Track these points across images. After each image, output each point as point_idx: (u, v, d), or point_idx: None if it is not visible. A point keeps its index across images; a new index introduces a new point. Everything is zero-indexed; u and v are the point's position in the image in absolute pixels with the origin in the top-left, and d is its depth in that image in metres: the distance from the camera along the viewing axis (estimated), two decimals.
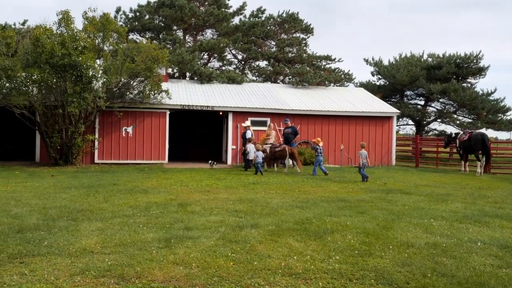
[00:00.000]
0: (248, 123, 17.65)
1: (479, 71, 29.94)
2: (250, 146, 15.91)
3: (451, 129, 32.86)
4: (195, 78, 24.47)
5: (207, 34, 30.45)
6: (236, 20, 29.15)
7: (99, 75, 16.23)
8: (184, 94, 20.10)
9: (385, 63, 32.43)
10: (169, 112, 18.43)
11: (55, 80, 15.79)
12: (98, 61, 16.55)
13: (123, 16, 28.41)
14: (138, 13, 28.18)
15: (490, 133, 38.43)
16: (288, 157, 15.58)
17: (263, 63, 31.37)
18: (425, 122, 31.81)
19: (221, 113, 19.95)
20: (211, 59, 29.80)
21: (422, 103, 32.51)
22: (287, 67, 29.59)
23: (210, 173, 14.55)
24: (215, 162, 17.51)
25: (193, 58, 23.42)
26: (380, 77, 33.02)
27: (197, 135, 24.24)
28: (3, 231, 6.02)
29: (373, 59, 33.06)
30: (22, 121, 16.35)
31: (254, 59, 30.69)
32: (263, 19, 29.25)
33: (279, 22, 29.88)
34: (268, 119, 19.19)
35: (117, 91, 17.24)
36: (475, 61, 29.46)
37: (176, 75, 27.71)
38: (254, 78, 31.19)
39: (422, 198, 9.89)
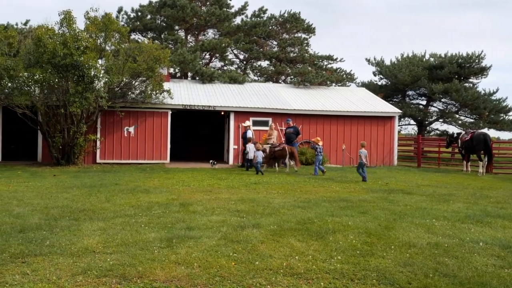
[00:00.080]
0: (248, 123, 17.65)
1: (481, 71, 29.87)
2: (250, 146, 15.91)
3: (453, 129, 32.81)
4: (197, 78, 24.49)
5: (208, 34, 30.50)
6: (238, 20, 29.21)
7: (101, 75, 16.27)
8: (185, 94, 20.11)
9: (387, 63, 32.42)
10: (171, 112, 18.44)
11: (57, 80, 15.82)
12: (100, 61, 16.57)
13: (125, 16, 28.49)
14: (139, 13, 28.22)
15: (492, 133, 38.28)
16: (288, 156, 15.56)
17: (264, 63, 31.42)
18: (427, 122, 31.76)
19: (222, 113, 19.95)
20: (213, 59, 29.83)
21: (424, 103, 32.48)
22: (289, 67, 29.59)
23: (212, 173, 14.56)
24: (216, 162, 17.52)
25: (194, 58, 23.44)
26: (382, 77, 33.00)
27: (199, 135, 24.24)
28: (5, 230, 6.03)
29: (375, 59, 33.06)
30: (24, 121, 16.39)
31: (256, 59, 30.71)
32: (264, 19, 29.26)
33: (280, 22, 29.88)
34: (270, 119, 19.19)
35: (119, 91, 17.26)
36: (477, 61, 29.40)
37: (178, 75, 27.74)
38: (255, 78, 31.20)
39: (424, 198, 9.88)
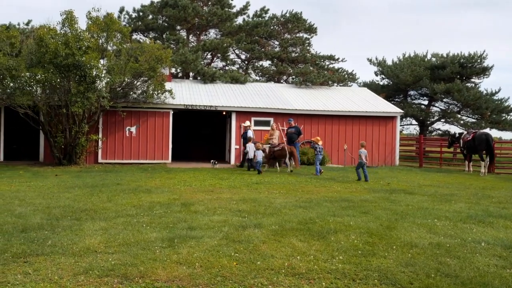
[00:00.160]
0: (248, 123, 17.63)
1: (483, 71, 29.83)
2: (250, 145, 15.90)
3: (455, 129, 32.81)
4: (199, 78, 24.49)
5: (210, 34, 30.50)
6: (239, 20, 29.21)
7: (102, 75, 16.29)
8: (187, 94, 20.12)
9: (389, 63, 32.42)
10: (172, 112, 18.45)
11: (59, 80, 15.83)
12: (101, 61, 16.58)
13: (127, 16, 28.52)
14: (141, 13, 28.24)
15: (494, 133, 38.35)
16: (288, 156, 15.52)
17: (266, 63, 31.41)
18: (428, 122, 31.72)
19: (224, 113, 19.95)
20: (215, 59, 29.83)
21: (426, 103, 32.44)
22: (290, 67, 29.58)
23: (213, 173, 14.56)
24: (216, 162, 17.52)
25: (196, 58, 23.44)
26: (383, 77, 32.98)
27: (201, 135, 24.23)
28: (7, 230, 6.04)
29: (376, 59, 33.05)
30: (26, 121, 16.42)
31: (258, 59, 30.70)
32: (266, 19, 29.25)
33: (282, 22, 29.87)
34: (272, 119, 19.19)
35: (120, 91, 17.28)
36: (479, 60, 29.36)
37: (180, 75, 27.75)
38: (257, 78, 31.20)
39: (425, 198, 9.87)
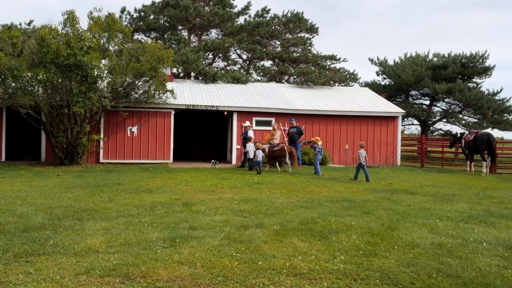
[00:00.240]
0: (248, 123, 17.60)
1: (485, 71, 29.78)
2: (250, 145, 15.89)
3: (456, 129, 32.82)
4: (200, 78, 24.51)
5: (212, 34, 30.54)
6: (241, 20, 29.24)
7: (104, 75, 16.29)
8: (189, 94, 20.13)
9: (390, 62, 32.40)
10: (174, 112, 18.46)
11: (60, 80, 15.85)
12: (103, 61, 16.60)
13: (128, 16, 28.57)
14: (142, 13, 28.28)
15: (496, 133, 38.34)
16: (288, 156, 15.50)
17: (268, 63, 31.44)
18: (430, 122, 31.69)
19: (226, 113, 19.95)
20: (216, 59, 29.86)
21: (428, 103, 32.40)
22: (292, 67, 29.59)
23: (215, 173, 14.57)
24: (217, 162, 17.51)
25: (197, 58, 23.46)
26: (385, 77, 32.95)
27: (202, 135, 24.24)
28: (9, 230, 6.05)
29: (378, 58, 33.02)
30: (28, 121, 16.44)
31: (259, 59, 30.72)
32: (268, 19, 29.27)
33: (284, 22, 29.89)
34: (273, 119, 19.19)
35: (122, 91, 17.29)
36: (481, 60, 29.30)
37: (181, 75, 27.78)
38: (259, 78, 31.23)
39: (427, 198, 9.85)
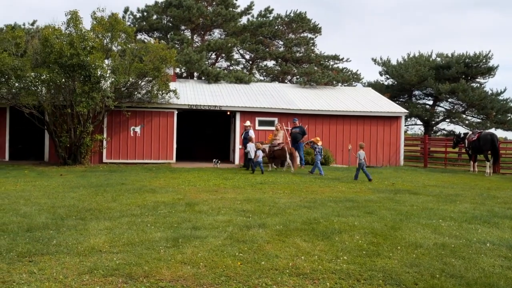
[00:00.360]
0: (248, 122, 17.57)
1: (489, 71, 29.69)
2: (250, 145, 15.87)
3: (459, 129, 32.66)
4: (203, 78, 24.52)
5: (214, 34, 30.55)
6: (243, 20, 29.24)
7: (107, 75, 16.34)
8: (191, 94, 20.14)
9: (393, 62, 32.31)
10: (177, 112, 18.48)
11: (63, 80, 15.90)
12: (106, 61, 16.63)
13: (131, 16, 28.61)
14: (145, 13, 28.32)
15: (500, 133, 38.07)
16: (289, 157, 15.48)
17: (270, 63, 31.42)
18: (433, 122, 31.62)
19: (228, 113, 19.97)
20: (219, 59, 29.88)
21: (431, 103, 32.34)
22: (295, 67, 29.57)
23: (218, 173, 14.57)
24: (219, 161, 17.50)
25: (200, 58, 23.47)
26: (388, 77, 32.90)
27: (205, 135, 24.27)
28: (12, 229, 6.07)
29: (381, 58, 32.98)
30: (31, 120, 16.49)
31: (262, 59, 30.72)
32: (270, 18, 29.27)
33: (286, 22, 29.86)
34: (276, 119, 19.18)
35: (125, 91, 17.32)
36: (484, 60, 29.22)
37: (184, 75, 27.80)
38: (261, 78, 31.22)
39: (430, 198, 9.83)
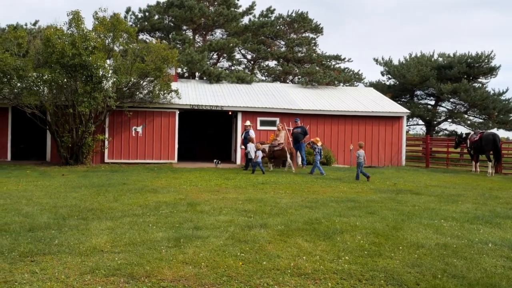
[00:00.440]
0: (248, 122, 17.55)
1: (491, 71, 29.65)
2: (250, 145, 15.86)
3: (461, 129, 32.65)
4: (205, 78, 24.54)
5: (216, 34, 30.57)
6: (245, 20, 29.25)
7: (109, 75, 16.36)
8: (193, 94, 20.15)
9: (395, 62, 32.31)
10: (178, 112, 18.49)
11: (65, 80, 15.92)
12: (108, 61, 16.65)
13: (133, 16, 28.65)
14: (147, 13, 28.35)
15: (502, 133, 38.12)
16: (289, 156, 15.46)
17: (272, 63, 31.40)
18: (435, 122, 31.57)
19: (230, 113, 19.96)
20: (221, 59, 29.88)
21: (433, 103, 32.29)
22: (296, 67, 29.55)
23: (219, 173, 14.57)
24: (219, 161, 17.50)
25: (202, 58, 23.48)
26: (390, 77, 32.86)
27: (207, 135, 24.26)
28: (14, 229, 6.08)
29: (383, 58, 32.95)
30: (33, 120, 16.51)
31: (264, 59, 30.71)
32: (272, 19, 29.27)
33: (288, 22, 29.86)
34: (278, 119, 19.17)
35: (127, 91, 17.33)
36: (486, 60, 29.18)
37: (186, 75, 27.82)
38: (263, 78, 31.21)
39: (432, 198, 9.82)
